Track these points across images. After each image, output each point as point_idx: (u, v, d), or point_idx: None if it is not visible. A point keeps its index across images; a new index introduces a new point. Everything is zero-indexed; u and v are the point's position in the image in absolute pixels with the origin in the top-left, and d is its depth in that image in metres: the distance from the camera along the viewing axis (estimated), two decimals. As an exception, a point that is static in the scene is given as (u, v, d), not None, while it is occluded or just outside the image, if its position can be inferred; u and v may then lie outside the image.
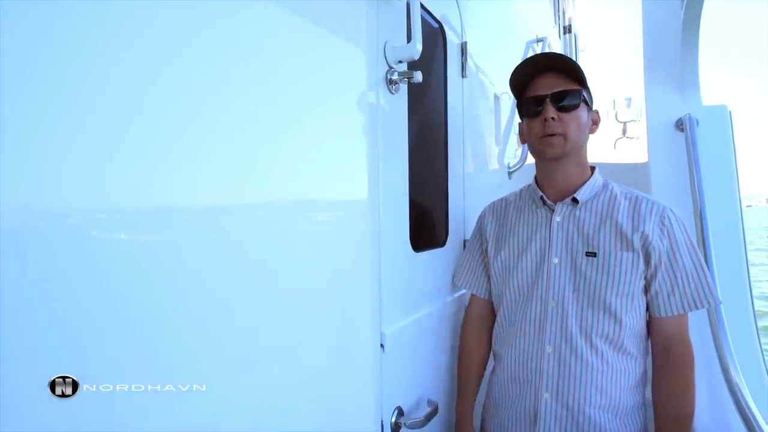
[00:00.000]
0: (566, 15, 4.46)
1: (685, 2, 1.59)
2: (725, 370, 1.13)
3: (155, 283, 0.44)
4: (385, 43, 0.95)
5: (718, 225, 1.43)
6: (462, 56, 1.41)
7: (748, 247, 1.51)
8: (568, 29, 4.50)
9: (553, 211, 1.08)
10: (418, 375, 1.09)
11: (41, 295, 0.34)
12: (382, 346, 0.91)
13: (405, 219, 1.04)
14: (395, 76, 0.95)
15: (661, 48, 1.86)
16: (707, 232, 1.40)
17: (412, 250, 1.07)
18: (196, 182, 0.50)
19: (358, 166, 0.85)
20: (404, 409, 0.99)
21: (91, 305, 0.37)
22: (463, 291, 1.38)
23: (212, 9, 0.56)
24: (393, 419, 0.95)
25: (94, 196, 0.39)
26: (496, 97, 1.83)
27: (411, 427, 0.97)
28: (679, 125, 1.69)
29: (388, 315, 0.93)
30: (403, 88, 1.01)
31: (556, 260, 1.05)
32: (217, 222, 0.53)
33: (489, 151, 1.72)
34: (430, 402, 1.07)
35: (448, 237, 1.29)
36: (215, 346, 0.52)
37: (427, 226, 1.26)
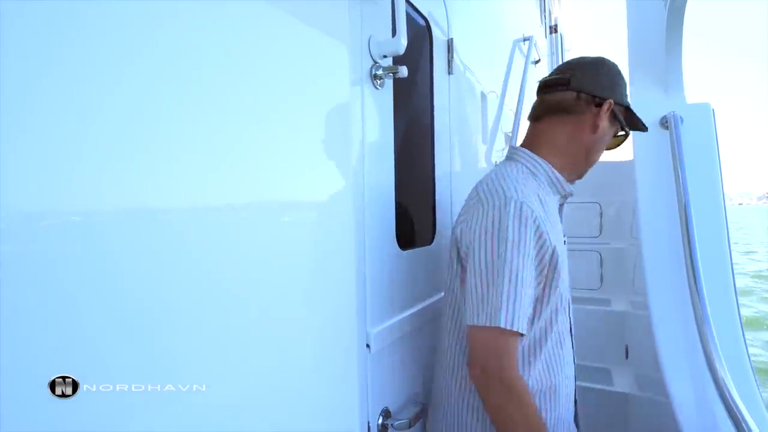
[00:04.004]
0: (552, 15, 4.48)
1: (668, 1, 1.60)
2: (711, 366, 1.14)
3: (155, 283, 0.43)
4: (369, 37, 0.93)
5: (702, 221, 1.44)
6: (448, 53, 1.39)
7: (750, 247, 1.51)
8: (554, 29, 4.52)
9: (566, 199, 1.01)
10: (405, 375, 1.08)
11: (41, 296, 0.34)
12: (368, 346, 0.89)
13: (391, 217, 1.03)
14: (380, 71, 0.94)
15: (645, 46, 1.87)
16: (692, 228, 1.41)
17: (398, 249, 1.06)
18: (192, 183, 0.50)
19: (342, 163, 0.83)
20: (391, 410, 0.97)
21: (91, 305, 0.37)
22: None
23: (188, 3, 0.53)
24: (380, 421, 0.93)
25: (93, 197, 0.38)
26: (483, 96, 1.82)
27: (398, 428, 0.95)
28: (664, 123, 1.70)
29: (374, 314, 0.91)
30: (388, 83, 1.00)
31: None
32: (209, 223, 0.53)
33: (476, 148, 1.71)
34: (417, 402, 1.06)
35: (435, 235, 1.27)
36: (213, 346, 0.51)
37: (413, 224, 1.24)
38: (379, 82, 0.94)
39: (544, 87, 1.00)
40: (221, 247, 0.54)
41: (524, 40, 2.60)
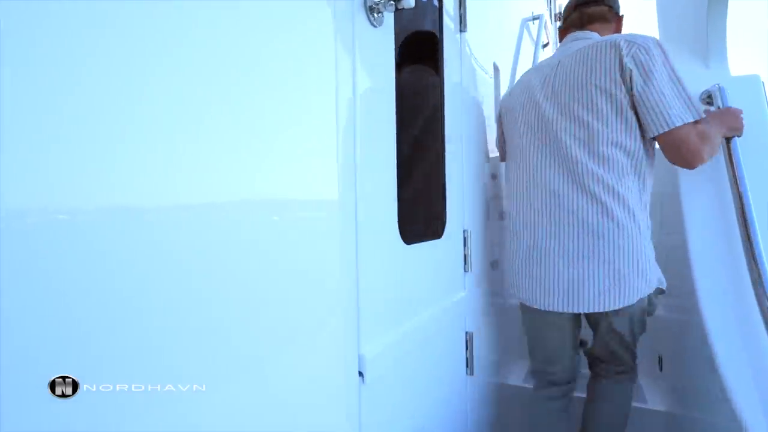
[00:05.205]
0: (557, 2, 4.34)
1: None
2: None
3: (155, 283, 0.41)
4: None
5: (760, 209, 1.21)
6: (460, 6, 1.16)
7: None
8: (559, 16, 4.36)
9: None
10: (410, 409, 0.83)
11: (41, 295, 0.33)
12: (360, 374, 0.65)
13: (392, 204, 0.79)
14: (377, 2, 0.70)
15: (679, 17, 1.65)
16: (751, 217, 1.18)
17: (402, 243, 0.82)
18: (201, 179, 0.45)
19: (322, 130, 0.60)
20: None
21: (91, 305, 0.36)
22: (465, 293, 1.13)
23: None
24: None
25: (93, 195, 0.37)
26: (496, 68, 1.59)
27: None
28: (706, 98, 1.47)
29: (368, 330, 0.68)
30: (389, 19, 0.75)
31: None
32: (197, 221, 0.46)
33: (489, 126, 1.48)
34: None
35: (446, 226, 1.03)
36: (216, 346, 0.47)
37: (420, 213, 1.00)
38: (376, 17, 0.70)
39: (583, 4, 1.29)
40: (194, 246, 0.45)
41: (533, 18, 2.44)
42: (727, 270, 1.25)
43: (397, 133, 0.81)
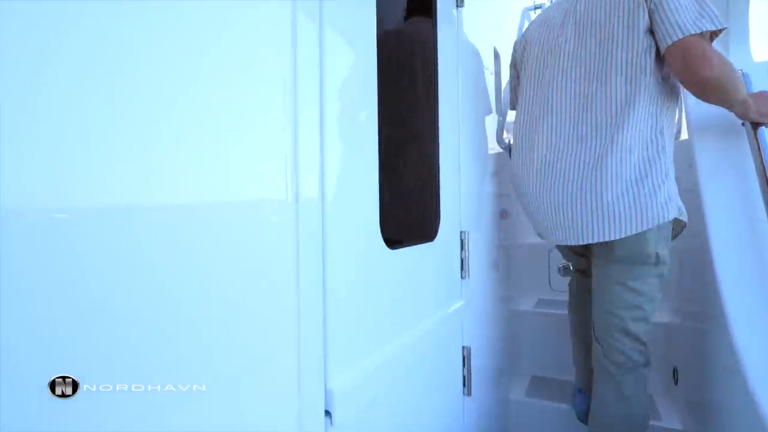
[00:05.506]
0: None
1: None
2: None
3: (156, 283, 0.40)
4: None
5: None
6: (456, -23, 1.03)
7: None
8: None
9: None
10: None
11: (41, 295, 0.33)
12: (328, 413, 0.52)
13: (373, 202, 0.66)
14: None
15: None
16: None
17: (385, 248, 0.69)
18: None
19: (274, 115, 0.47)
20: None
21: (91, 305, 0.35)
22: (462, 302, 1.00)
23: None
24: None
25: (91, 195, 0.35)
26: (497, 54, 1.46)
27: None
28: (727, 87, 1.35)
29: (339, 358, 0.55)
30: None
31: None
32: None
33: (489, 118, 1.34)
34: None
35: (440, 227, 0.90)
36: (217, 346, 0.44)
37: (408, 213, 0.87)
38: (350, -28, 0.57)
39: None
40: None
41: (535, 8, 2.32)
42: (755, 272, 1.13)
43: (380, 120, 0.68)
